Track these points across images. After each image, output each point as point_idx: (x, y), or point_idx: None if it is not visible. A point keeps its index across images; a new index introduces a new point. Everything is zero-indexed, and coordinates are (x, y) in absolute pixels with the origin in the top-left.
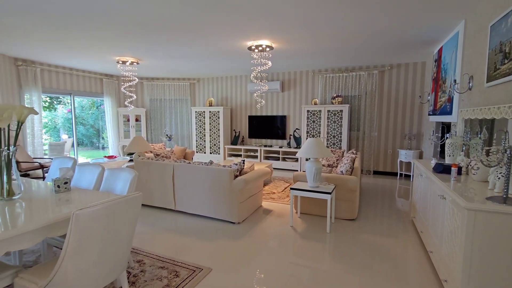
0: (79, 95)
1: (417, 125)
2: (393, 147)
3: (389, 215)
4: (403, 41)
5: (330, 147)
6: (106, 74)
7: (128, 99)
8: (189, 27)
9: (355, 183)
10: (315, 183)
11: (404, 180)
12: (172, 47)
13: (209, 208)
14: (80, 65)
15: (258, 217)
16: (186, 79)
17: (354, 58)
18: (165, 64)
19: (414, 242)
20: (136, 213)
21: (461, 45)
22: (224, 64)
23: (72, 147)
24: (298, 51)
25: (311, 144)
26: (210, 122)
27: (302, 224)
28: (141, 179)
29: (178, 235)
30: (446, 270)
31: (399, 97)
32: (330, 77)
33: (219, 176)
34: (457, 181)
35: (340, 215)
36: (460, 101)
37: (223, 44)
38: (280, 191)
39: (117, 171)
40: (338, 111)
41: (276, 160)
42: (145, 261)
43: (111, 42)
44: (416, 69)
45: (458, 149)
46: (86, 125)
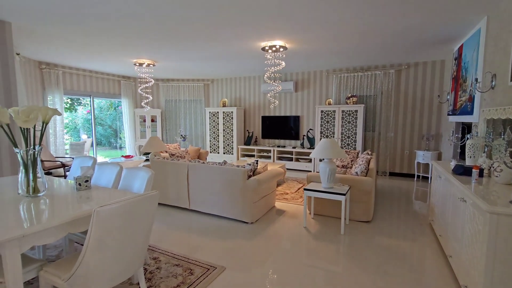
0: (98, 96)
1: (436, 126)
2: (410, 148)
3: (405, 217)
4: (422, 39)
5: (344, 148)
6: (123, 76)
7: (145, 100)
8: (204, 29)
9: (370, 184)
10: (329, 184)
11: (421, 182)
12: (187, 48)
13: (222, 208)
14: (99, 67)
15: (271, 218)
16: (200, 80)
17: (370, 57)
18: (180, 66)
19: (432, 246)
20: (153, 211)
21: (483, 43)
22: (237, 65)
23: (92, 147)
24: (312, 51)
25: (325, 145)
26: (224, 123)
27: (315, 225)
28: (157, 178)
29: (192, 233)
30: (466, 276)
31: (417, 96)
32: (344, 76)
33: (233, 176)
34: (479, 183)
35: (355, 217)
36: (482, 101)
37: (237, 45)
38: (293, 192)
39: (134, 170)
40: (352, 111)
41: (289, 160)
42: (161, 258)
43: (129, 45)
44: (435, 67)
45: (479, 150)
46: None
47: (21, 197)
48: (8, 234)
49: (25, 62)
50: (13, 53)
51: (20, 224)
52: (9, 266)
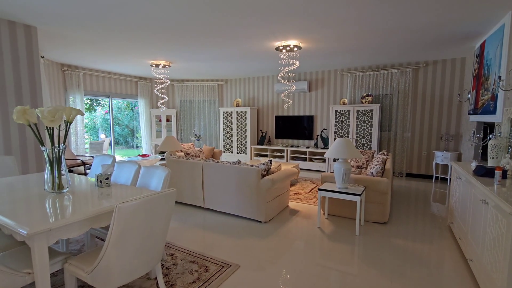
0: (116, 97)
1: (455, 125)
2: (428, 149)
3: (423, 219)
4: (443, 36)
5: (359, 148)
6: (140, 77)
7: (160, 100)
8: (218, 30)
9: (386, 185)
10: (343, 184)
11: (440, 184)
12: (202, 49)
13: (236, 207)
14: (117, 69)
15: (285, 217)
16: (214, 81)
17: (386, 55)
18: (195, 66)
19: (451, 249)
20: (170, 208)
21: (507, 39)
22: (251, 65)
23: (110, 146)
24: (326, 50)
25: (339, 145)
26: (237, 122)
27: (329, 226)
28: (172, 176)
29: (207, 231)
30: (488, 280)
31: (435, 95)
32: (359, 75)
33: (247, 175)
34: (502, 185)
35: (370, 218)
36: (506, 100)
37: (251, 46)
38: (307, 192)
39: (152, 169)
40: (368, 110)
41: (302, 160)
42: (177, 255)
43: (146, 46)
44: (455, 65)
45: (502, 151)
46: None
47: (47, 193)
48: (36, 228)
49: (48, 65)
50: (38, 56)
51: (46, 218)
52: (37, 258)
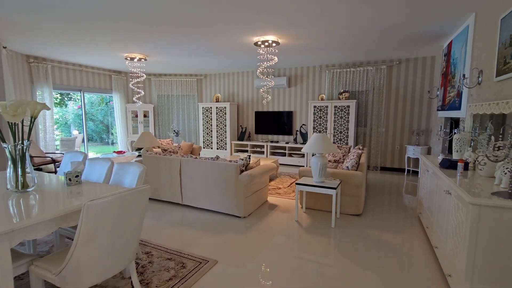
0: (88, 91)
1: (426, 121)
2: (401, 143)
3: (395, 211)
4: (413, 35)
5: (336, 143)
6: (114, 71)
7: (136, 95)
8: (196, 23)
9: (360, 178)
10: (320, 178)
11: (412, 177)
12: (179, 43)
13: (215, 203)
14: (89, 61)
15: (263, 212)
16: (193, 75)
17: (362, 53)
18: (172, 60)
19: (419, 237)
20: (144, 205)
21: (471, 39)
22: (230, 60)
23: (83, 143)
24: (305, 46)
25: (316, 140)
26: (217, 118)
27: (307, 219)
28: (149, 173)
29: (184, 228)
30: (450, 265)
31: (408, 92)
32: (337, 72)
33: (225, 171)
34: (464, 176)
35: (346, 210)
36: (469, 96)
37: (229, 40)
38: (286, 187)
39: (125, 165)
40: (345, 106)
41: (282, 155)
42: (153, 252)
43: (119, 38)
44: (425, 63)
45: (465, 144)
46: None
47: (10, 192)
48: None
49: (12, 56)
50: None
51: (9, 219)
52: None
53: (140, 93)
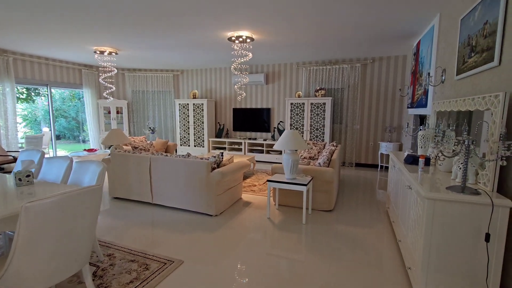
0: (56, 86)
1: (398, 118)
2: (374, 140)
3: (366, 206)
4: (384, 34)
5: (313, 140)
6: (85, 65)
7: (107, 90)
8: (166, 16)
9: (331, 174)
10: (292, 175)
11: (384, 172)
12: (152, 36)
13: (186, 201)
14: (57, 55)
15: (236, 210)
16: (169, 71)
17: (336, 51)
18: (146, 55)
19: (386, 231)
20: (95, 206)
21: (435, 39)
22: (207, 56)
23: (51, 140)
24: (279, 43)
25: (288, 136)
26: (194, 115)
27: (279, 216)
28: (118, 172)
29: (153, 228)
30: (410, 258)
31: (381, 90)
32: (313, 69)
33: (196, 169)
34: (425, 171)
35: (317, 206)
36: (434, 94)
37: (202, 34)
38: (262, 184)
39: (85, 164)
40: (321, 103)
41: (260, 153)
42: (116, 254)
43: (88, 30)
44: (397, 62)
45: (429, 141)
46: (68, 117)
47: None
48: None
49: None
50: None
51: None
52: None
53: (111, 88)
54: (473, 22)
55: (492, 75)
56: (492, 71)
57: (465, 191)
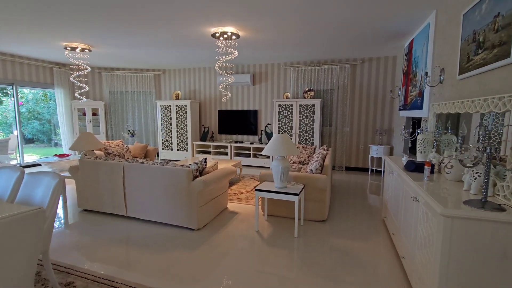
0: (23, 85)
1: (388, 120)
2: (364, 143)
3: (360, 214)
4: (373, 33)
5: (302, 143)
6: (57, 63)
7: (80, 90)
8: (141, 7)
9: (325, 182)
10: (282, 183)
11: (375, 176)
12: (126, 32)
13: (164, 214)
14: (23, 51)
15: (221, 222)
16: (150, 70)
17: (325, 50)
18: (123, 53)
19: (385, 244)
20: (34, 234)
21: (432, 37)
22: (189, 54)
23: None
24: (266, 41)
25: (277, 141)
26: (177, 117)
27: (269, 228)
28: (88, 181)
29: (125, 246)
30: (419, 279)
31: (371, 91)
32: (302, 70)
33: (176, 177)
34: (430, 180)
35: (310, 216)
36: (431, 95)
37: (185, 30)
38: (249, 191)
39: (38, 176)
40: (310, 105)
41: (247, 157)
42: (77, 283)
43: (54, 25)
44: (387, 63)
45: (429, 145)
46: (42, 119)
47: None
48: None
49: None
50: None
51: None
52: None
53: (84, 88)
54: (479, 16)
55: (506, 72)
56: (506, 68)
57: (486, 206)
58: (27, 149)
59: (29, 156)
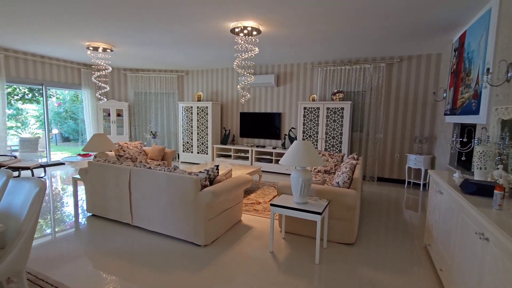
0: (52, 86)
1: (430, 127)
2: (401, 151)
3: (396, 237)
4: (416, 25)
5: (328, 150)
6: (84, 64)
7: (100, 90)
8: (162, 4)
9: (354, 199)
10: (302, 198)
11: (412, 190)
12: (148, 30)
13: (170, 226)
14: (52, 52)
15: (232, 237)
16: (173, 71)
17: (357, 48)
18: (144, 52)
19: (430, 281)
20: None
21: (494, 25)
22: (209, 53)
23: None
24: (290, 37)
25: (298, 149)
26: (198, 119)
27: (285, 249)
28: (96, 185)
29: (124, 261)
30: None
31: (409, 93)
32: (330, 70)
33: (182, 186)
34: (502, 210)
35: (335, 237)
36: (492, 97)
37: (202, 26)
38: (267, 201)
39: (19, 183)
40: (338, 108)
41: (269, 162)
42: None
43: (77, 24)
44: (430, 61)
45: (491, 160)
46: (77, 119)
47: None
48: None
49: None
50: None
51: None
52: None
53: (104, 88)
54: None
55: None
56: None
57: None
58: (63, 147)
59: (62, 154)
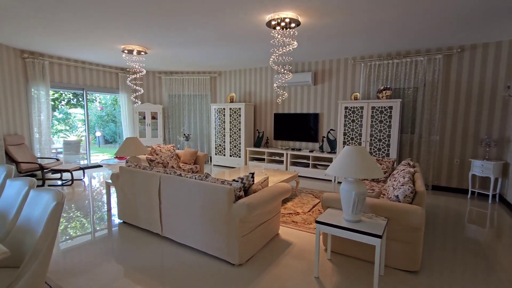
0: (92, 90)
1: (500, 127)
2: (461, 156)
3: (471, 265)
4: (484, 5)
5: (374, 155)
6: (122, 68)
7: (135, 93)
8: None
9: (420, 218)
10: (355, 215)
11: (478, 201)
12: (181, 29)
13: (201, 240)
14: (91, 58)
15: (270, 255)
16: (206, 73)
17: (407, 37)
18: (178, 54)
19: None
20: None
21: None
22: (244, 52)
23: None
24: (331, 28)
25: (350, 156)
26: (231, 121)
27: (333, 275)
28: (127, 191)
29: (147, 277)
30: None
31: (473, 89)
32: (375, 65)
33: (214, 197)
34: None
35: (394, 262)
36: None
37: (238, 20)
38: (307, 211)
39: (38, 194)
40: (386, 107)
41: (305, 166)
42: None
43: (112, 27)
44: (501, 50)
45: None
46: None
47: None
48: None
49: (2, 50)
50: None
51: None
52: None
53: (139, 91)
54: None
55: None
56: None
57: None
58: (105, 149)
59: (104, 156)
